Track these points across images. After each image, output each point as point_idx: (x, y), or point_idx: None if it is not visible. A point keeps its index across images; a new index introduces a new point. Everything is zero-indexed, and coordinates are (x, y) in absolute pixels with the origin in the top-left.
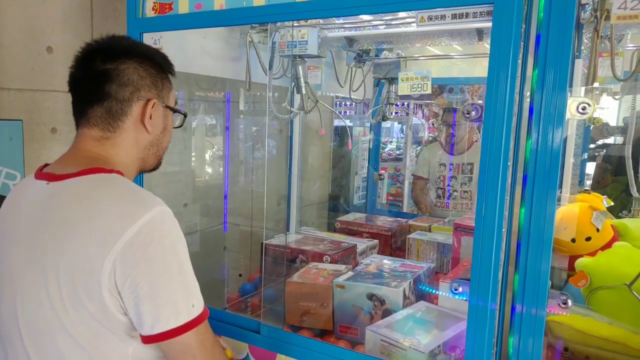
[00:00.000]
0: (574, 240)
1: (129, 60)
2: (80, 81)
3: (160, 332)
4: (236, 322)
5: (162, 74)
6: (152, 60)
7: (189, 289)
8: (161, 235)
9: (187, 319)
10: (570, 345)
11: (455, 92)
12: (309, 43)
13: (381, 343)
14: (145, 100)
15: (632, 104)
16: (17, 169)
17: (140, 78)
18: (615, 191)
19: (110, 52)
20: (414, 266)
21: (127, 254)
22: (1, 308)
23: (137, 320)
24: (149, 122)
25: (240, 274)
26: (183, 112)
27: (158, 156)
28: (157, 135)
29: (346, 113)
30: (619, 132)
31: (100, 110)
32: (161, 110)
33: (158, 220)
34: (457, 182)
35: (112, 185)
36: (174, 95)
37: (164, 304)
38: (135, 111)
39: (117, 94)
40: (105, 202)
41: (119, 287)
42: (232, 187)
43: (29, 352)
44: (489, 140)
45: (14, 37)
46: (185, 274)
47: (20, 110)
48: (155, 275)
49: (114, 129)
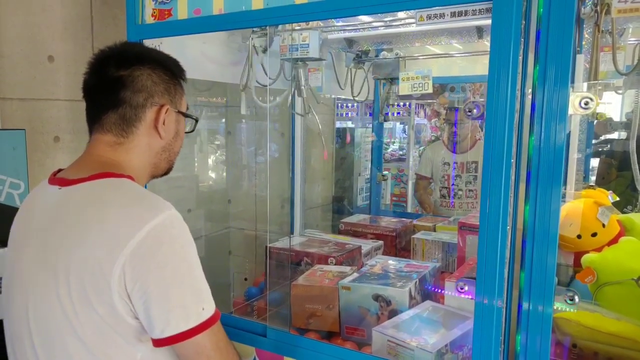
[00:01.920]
0: (580, 237)
1: (142, 67)
2: (94, 88)
3: (170, 335)
4: (243, 326)
5: (175, 80)
6: (165, 66)
7: (199, 292)
8: (171, 239)
9: (197, 322)
10: (578, 341)
11: (456, 90)
12: (310, 46)
13: (388, 344)
14: (159, 106)
15: (635, 98)
16: (21, 179)
17: (153, 84)
18: (621, 186)
19: (123, 59)
20: (419, 266)
21: (136, 258)
22: (12, 308)
23: (148, 324)
24: (162, 128)
25: (245, 278)
26: (195, 117)
27: (170, 161)
28: (170, 141)
29: (347, 115)
30: (622, 127)
31: (114, 117)
32: (174, 116)
33: (167, 224)
34: (462, 181)
35: (121, 189)
36: (186, 100)
37: (174, 309)
38: (148, 117)
39: (131, 100)
40: (114, 206)
41: (129, 290)
42: (235, 191)
43: (38, 352)
44: (492, 138)
45: (15, 47)
46: (195, 277)
47: (22, 120)
48: (165, 279)
49: (128, 134)
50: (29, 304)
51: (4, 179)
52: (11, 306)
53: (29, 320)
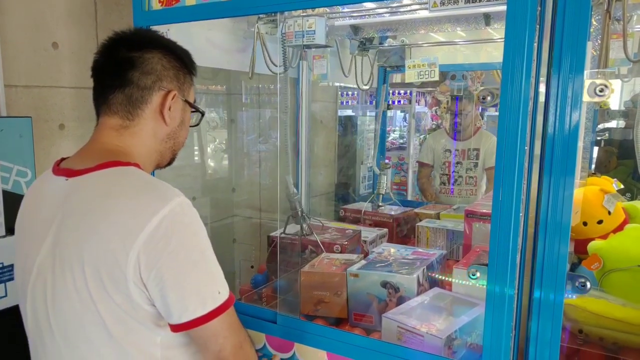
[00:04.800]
0: (586, 224)
1: (154, 50)
2: (103, 67)
3: (188, 320)
4: (253, 312)
5: (185, 69)
6: (177, 54)
7: (213, 276)
8: (182, 227)
9: (214, 306)
10: (584, 327)
11: (457, 78)
12: (316, 33)
13: (398, 330)
14: (166, 91)
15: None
16: (28, 166)
17: (163, 68)
18: (622, 175)
19: (136, 42)
20: (426, 254)
21: (149, 247)
22: (27, 304)
23: (165, 310)
24: (168, 114)
25: (252, 265)
26: (201, 110)
27: (174, 151)
28: (175, 129)
29: (348, 103)
30: (620, 116)
31: (121, 97)
32: (180, 104)
33: (178, 212)
34: (462, 168)
35: (129, 178)
36: (194, 93)
37: (190, 294)
38: (155, 100)
39: (139, 81)
40: (124, 196)
41: (144, 279)
42: (239, 180)
43: (60, 344)
44: (506, 125)
45: (19, 33)
46: (208, 262)
47: (27, 107)
48: (179, 266)
49: (133, 117)
50: (47, 296)
51: (10, 167)
52: (27, 299)
53: (47, 311)
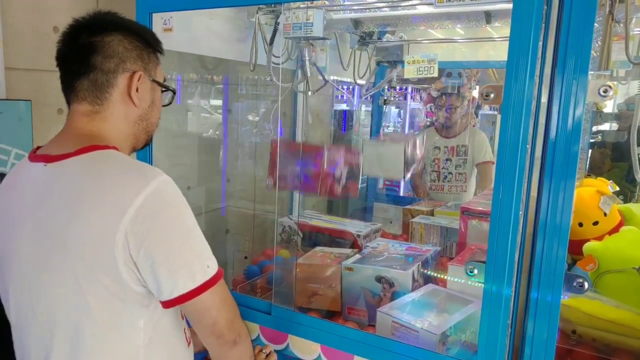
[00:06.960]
0: (581, 225)
1: (114, 33)
2: (66, 55)
3: (180, 294)
4: (247, 303)
5: (149, 48)
6: (138, 34)
7: (201, 251)
8: (166, 204)
9: (204, 279)
10: (578, 328)
11: (453, 76)
12: (314, 25)
13: (393, 325)
14: (131, 73)
15: (639, 89)
16: (26, 150)
17: (125, 50)
18: (616, 177)
19: (96, 26)
20: (420, 249)
21: (136, 226)
22: (9, 293)
23: (157, 287)
24: (136, 95)
25: (246, 256)
26: (172, 88)
27: (148, 132)
28: (145, 110)
29: (343, 97)
30: (613, 119)
31: (86, 83)
32: (148, 84)
33: (162, 189)
34: (452, 165)
35: (110, 160)
36: (162, 71)
37: (180, 269)
38: (121, 83)
39: (102, 65)
40: (106, 178)
41: (134, 258)
42: (234, 170)
43: (41, 323)
44: (508, 123)
45: (20, 16)
46: (195, 237)
47: (27, 91)
48: (167, 242)
49: (102, 101)
50: (30, 283)
51: (9, 150)
52: (9, 287)
53: (31, 299)
